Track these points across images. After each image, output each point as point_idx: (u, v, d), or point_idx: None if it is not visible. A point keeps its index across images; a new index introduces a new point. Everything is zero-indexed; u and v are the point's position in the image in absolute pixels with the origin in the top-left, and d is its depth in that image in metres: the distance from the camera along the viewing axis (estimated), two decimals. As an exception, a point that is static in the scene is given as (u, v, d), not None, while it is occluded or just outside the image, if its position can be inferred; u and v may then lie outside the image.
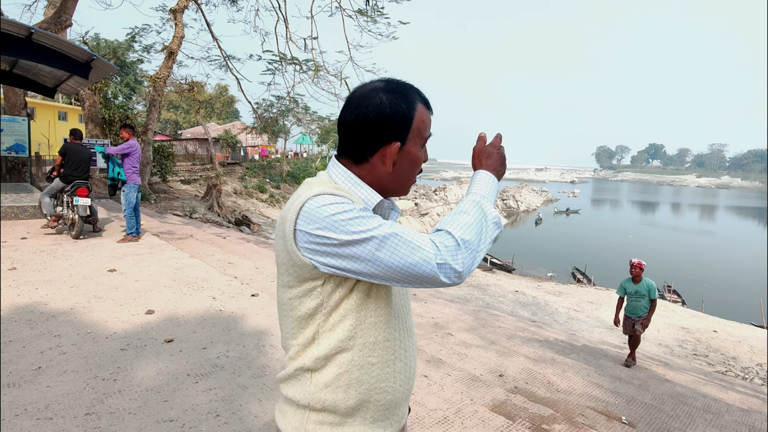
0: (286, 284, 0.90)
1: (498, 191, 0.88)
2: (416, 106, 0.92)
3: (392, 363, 0.91)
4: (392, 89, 0.91)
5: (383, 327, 0.89)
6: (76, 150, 6.51)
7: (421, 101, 0.93)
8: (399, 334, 0.93)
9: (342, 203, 0.82)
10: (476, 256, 0.83)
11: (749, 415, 3.69)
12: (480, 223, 0.86)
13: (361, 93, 0.91)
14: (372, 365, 0.89)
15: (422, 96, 0.94)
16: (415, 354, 0.98)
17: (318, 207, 0.81)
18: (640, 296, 5.17)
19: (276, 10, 11.56)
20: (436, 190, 43.22)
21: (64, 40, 6.35)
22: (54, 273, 4.71)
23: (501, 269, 20.67)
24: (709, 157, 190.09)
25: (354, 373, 0.88)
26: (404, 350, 0.94)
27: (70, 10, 9.83)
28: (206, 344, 3.25)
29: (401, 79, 0.95)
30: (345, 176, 0.92)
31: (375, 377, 0.89)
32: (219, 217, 13.79)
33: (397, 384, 0.92)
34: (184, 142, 29.53)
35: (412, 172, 0.95)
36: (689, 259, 29.98)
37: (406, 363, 0.94)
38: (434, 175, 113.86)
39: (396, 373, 0.92)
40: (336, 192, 0.85)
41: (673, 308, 12.65)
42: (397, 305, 0.93)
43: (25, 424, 2.18)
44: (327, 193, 0.84)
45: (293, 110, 20.87)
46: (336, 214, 0.80)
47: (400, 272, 0.80)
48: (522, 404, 3.06)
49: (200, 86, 24.78)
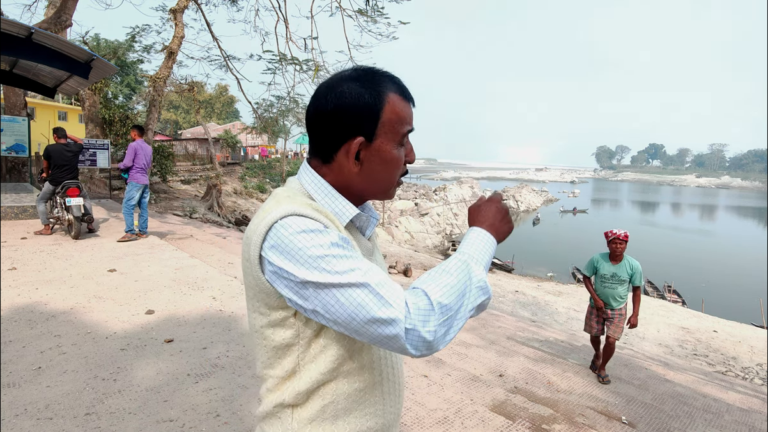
0: (256, 310, 0.79)
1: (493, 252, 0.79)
2: (386, 97, 0.79)
3: (380, 384, 0.83)
4: (358, 77, 0.79)
5: (369, 349, 0.81)
6: (59, 151, 6.48)
7: (396, 91, 0.80)
8: (385, 353, 0.84)
9: (312, 232, 0.70)
10: (453, 324, 0.71)
11: (749, 415, 3.69)
12: (463, 286, 0.73)
13: (327, 83, 0.81)
14: (359, 391, 0.80)
15: (398, 85, 0.81)
16: (402, 368, 0.91)
17: (285, 235, 0.70)
18: (618, 281, 3.94)
19: (276, 10, 11.56)
20: (436, 190, 43.20)
21: (64, 40, 6.35)
22: (54, 273, 4.71)
23: (501, 269, 20.67)
24: (709, 157, 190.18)
25: (341, 403, 0.79)
26: (391, 368, 0.86)
27: (70, 10, 9.83)
28: (206, 344, 3.25)
29: (376, 67, 0.83)
30: (317, 185, 0.82)
31: (364, 402, 0.81)
32: (219, 217, 13.79)
33: (387, 405, 0.85)
34: (184, 142, 29.55)
35: (387, 172, 0.82)
36: (689, 259, 29.98)
37: (394, 381, 0.87)
38: (434, 175, 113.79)
39: (385, 394, 0.85)
40: (306, 213, 0.73)
41: (673, 308, 12.65)
42: None
43: (25, 424, 2.18)
44: (296, 214, 0.72)
45: (293, 110, 20.84)
46: (302, 248, 0.69)
47: (360, 330, 0.68)
48: (522, 404, 3.06)
49: (200, 86, 24.77)
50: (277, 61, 12.31)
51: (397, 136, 0.81)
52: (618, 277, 3.95)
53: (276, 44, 13.67)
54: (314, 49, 11.68)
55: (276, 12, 11.55)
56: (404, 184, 52.43)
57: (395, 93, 0.80)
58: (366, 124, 0.78)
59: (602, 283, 4.02)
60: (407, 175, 0.93)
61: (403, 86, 0.83)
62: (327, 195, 0.81)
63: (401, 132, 0.81)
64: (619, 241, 3.94)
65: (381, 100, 0.79)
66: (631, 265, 3.94)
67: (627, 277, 3.92)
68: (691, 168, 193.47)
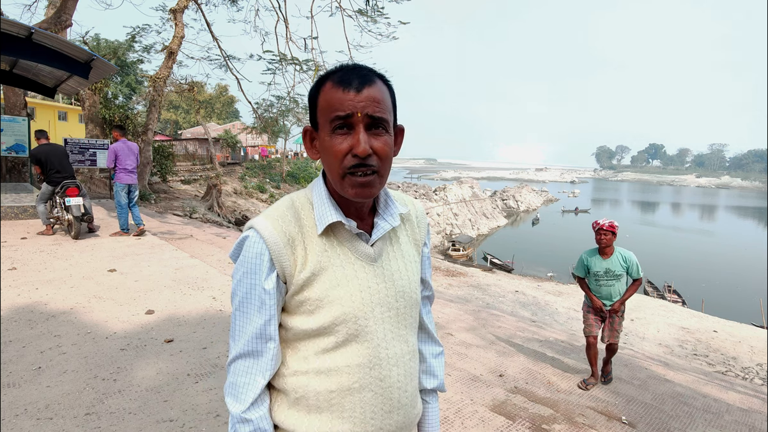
0: None
1: None
2: (323, 85, 0.81)
3: (358, 392, 0.83)
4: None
5: (345, 355, 0.83)
6: (46, 151, 6.45)
7: (333, 78, 0.80)
8: (368, 362, 0.84)
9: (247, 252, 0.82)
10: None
11: (749, 415, 3.69)
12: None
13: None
14: (331, 392, 0.82)
15: (339, 72, 0.80)
16: (401, 386, 0.88)
17: (236, 245, 0.85)
18: (614, 277, 3.58)
19: (276, 10, 11.56)
20: (436, 190, 43.22)
21: (64, 40, 6.35)
22: (54, 273, 4.71)
23: (501, 269, 20.67)
24: (709, 157, 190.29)
25: (311, 399, 0.83)
26: (379, 380, 0.84)
27: (70, 10, 9.84)
28: (206, 344, 3.25)
29: (346, 62, 0.85)
30: (317, 187, 0.87)
31: (337, 405, 0.83)
32: (219, 217, 13.79)
33: (367, 415, 0.84)
34: (184, 142, 29.55)
35: (327, 162, 0.81)
36: (689, 259, 29.98)
37: (381, 395, 0.85)
38: (434, 175, 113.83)
39: (365, 404, 0.83)
40: (262, 227, 0.81)
41: (673, 308, 12.65)
42: (369, 331, 0.84)
43: (25, 424, 2.18)
44: (255, 228, 0.82)
45: (293, 110, 20.84)
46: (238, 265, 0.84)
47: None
48: (522, 404, 3.06)
49: (200, 86, 24.78)
50: (277, 61, 12.32)
51: (327, 123, 0.80)
52: (612, 272, 3.57)
53: (276, 44, 13.69)
54: (314, 49, 11.70)
55: (276, 12, 11.55)
56: (404, 184, 52.37)
57: (331, 80, 0.80)
58: (310, 113, 0.85)
59: (597, 282, 3.65)
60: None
61: (344, 72, 0.80)
62: (319, 198, 0.85)
63: (329, 118, 0.79)
64: (603, 232, 3.55)
65: (318, 89, 0.82)
66: (624, 257, 3.58)
67: (622, 271, 3.57)
68: (691, 168, 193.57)
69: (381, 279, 0.86)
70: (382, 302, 0.86)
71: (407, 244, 0.94)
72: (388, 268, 0.88)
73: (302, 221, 0.84)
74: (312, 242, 0.83)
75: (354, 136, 0.78)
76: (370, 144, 0.78)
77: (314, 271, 0.82)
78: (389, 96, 0.83)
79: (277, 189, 25.49)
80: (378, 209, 0.89)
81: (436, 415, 1.05)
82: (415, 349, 0.94)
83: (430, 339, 1.05)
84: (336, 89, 0.78)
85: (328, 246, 0.84)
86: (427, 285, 1.03)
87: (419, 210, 1.00)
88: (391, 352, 0.87)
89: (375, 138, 0.79)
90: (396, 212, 0.89)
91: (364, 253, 0.86)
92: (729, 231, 47.35)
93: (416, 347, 0.95)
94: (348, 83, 0.78)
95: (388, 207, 0.90)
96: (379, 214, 0.89)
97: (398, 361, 0.88)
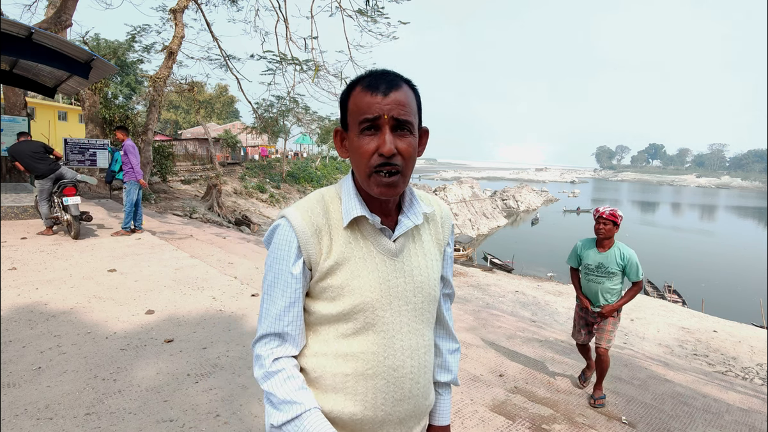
0: None
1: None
2: (353, 90, 0.87)
3: (371, 378, 0.88)
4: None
5: (362, 341, 0.88)
6: (20, 150, 6.35)
7: (362, 83, 0.86)
8: (383, 351, 0.89)
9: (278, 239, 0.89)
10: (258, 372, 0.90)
11: (749, 415, 3.69)
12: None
13: None
14: (346, 375, 0.88)
15: (368, 77, 0.87)
16: (413, 377, 0.92)
17: (269, 232, 0.92)
18: (605, 274, 3.20)
19: (276, 10, 11.56)
20: (436, 190, 43.23)
21: (64, 40, 6.35)
22: (54, 273, 4.71)
23: (501, 269, 20.67)
24: (709, 157, 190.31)
25: (327, 380, 0.89)
26: (392, 369, 0.89)
27: (70, 10, 9.84)
28: (206, 344, 3.25)
29: (377, 68, 0.91)
30: (346, 183, 0.93)
31: (350, 388, 0.88)
32: (219, 217, 13.79)
33: (378, 401, 0.89)
34: (184, 142, 29.54)
35: (355, 162, 0.88)
36: (689, 259, 29.99)
37: (393, 384, 0.90)
38: (434, 175, 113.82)
39: (378, 391, 0.89)
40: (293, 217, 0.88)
41: (673, 308, 12.65)
42: (386, 322, 0.89)
43: (25, 424, 2.18)
44: (286, 217, 0.89)
45: (293, 110, 20.89)
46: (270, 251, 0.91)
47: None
48: (522, 404, 3.06)
49: (200, 86, 24.77)
50: (277, 61, 12.32)
51: (356, 125, 0.85)
52: (605, 268, 3.19)
53: (276, 44, 13.70)
54: (314, 49, 11.70)
55: (276, 12, 11.55)
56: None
57: (360, 85, 0.86)
58: (342, 116, 0.91)
59: (586, 276, 3.31)
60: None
61: (373, 77, 0.86)
62: (346, 193, 0.91)
63: (358, 120, 0.85)
64: (603, 221, 3.15)
65: (348, 93, 0.88)
66: (622, 254, 3.15)
67: (617, 269, 3.16)
68: (691, 168, 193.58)
69: (401, 273, 0.91)
70: (400, 296, 0.90)
71: (430, 242, 0.98)
72: (409, 263, 0.93)
73: (330, 214, 0.90)
74: (338, 234, 0.89)
75: (380, 137, 0.84)
76: (395, 144, 0.83)
77: (338, 261, 0.87)
78: (414, 99, 0.88)
79: (277, 189, 25.49)
80: (403, 207, 0.94)
81: (448, 406, 1.10)
82: (430, 344, 0.98)
83: (448, 335, 1.10)
84: (365, 93, 0.84)
85: (352, 238, 0.89)
86: (447, 283, 1.07)
87: (445, 211, 1.04)
88: (405, 344, 0.91)
89: (400, 139, 0.84)
90: (420, 211, 0.94)
91: (385, 248, 0.91)
92: (729, 231, 47.35)
93: (432, 342, 0.99)
94: (376, 87, 0.84)
95: (412, 205, 0.94)
96: (403, 211, 0.94)
97: (412, 354, 0.92)
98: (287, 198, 25.29)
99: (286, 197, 25.19)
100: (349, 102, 0.87)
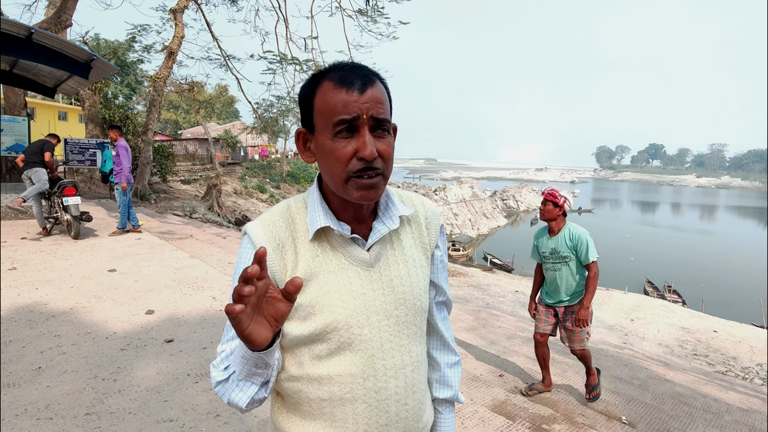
0: None
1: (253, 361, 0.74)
2: (320, 85, 0.77)
3: (350, 403, 0.80)
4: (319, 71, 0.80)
5: (336, 364, 0.80)
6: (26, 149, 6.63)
7: (332, 78, 0.76)
8: (361, 372, 0.81)
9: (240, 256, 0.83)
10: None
11: (749, 415, 3.69)
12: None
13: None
14: (323, 401, 0.81)
15: (339, 70, 0.76)
16: (399, 399, 0.84)
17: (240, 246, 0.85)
18: (560, 259, 3.05)
19: (276, 10, 11.57)
20: (436, 190, 43.25)
21: (64, 40, 6.36)
22: (54, 273, 4.71)
23: (501, 269, 20.67)
24: (709, 157, 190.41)
25: (304, 406, 0.82)
26: (374, 392, 0.81)
27: (70, 10, 9.84)
28: (206, 344, 3.25)
29: (344, 61, 0.81)
30: (312, 191, 0.85)
31: (328, 414, 0.81)
32: (219, 217, 13.79)
33: (359, 428, 0.81)
34: (184, 142, 29.56)
35: (327, 166, 0.77)
36: (689, 259, 29.98)
37: (375, 407, 0.81)
38: (434, 175, 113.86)
39: (358, 416, 0.81)
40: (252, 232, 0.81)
41: (673, 308, 12.65)
42: (364, 340, 0.81)
43: (25, 424, 2.18)
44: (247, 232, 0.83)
45: (293, 110, 20.89)
46: (236, 264, 0.84)
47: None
48: (522, 404, 3.06)
49: (200, 86, 24.78)
50: (277, 61, 12.32)
51: (328, 126, 0.75)
52: (557, 253, 3.02)
53: (276, 44, 13.71)
54: (314, 49, 11.70)
55: (276, 12, 11.56)
56: (405, 184, 52.36)
57: (330, 80, 0.76)
58: (304, 114, 0.80)
59: (545, 265, 3.16)
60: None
61: (344, 72, 0.76)
62: (312, 204, 0.83)
63: (331, 121, 0.75)
64: (543, 203, 3.01)
65: (314, 89, 0.78)
66: (571, 234, 2.98)
67: (569, 253, 2.99)
68: (691, 168, 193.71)
69: (378, 285, 0.83)
70: (379, 310, 0.82)
71: (412, 247, 0.89)
72: (387, 273, 0.84)
73: (296, 226, 0.83)
74: (304, 247, 0.81)
75: (359, 138, 0.75)
76: (375, 146, 0.75)
77: (305, 277, 0.80)
78: (388, 96, 0.80)
79: (277, 189, 25.50)
80: (378, 212, 0.86)
81: (451, 425, 1.00)
82: (419, 360, 0.89)
83: (445, 347, 1.00)
84: (338, 90, 0.74)
85: (320, 251, 0.81)
86: (440, 290, 0.97)
87: (430, 211, 0.93)
88: (388, 363, 0.83)
89: (379, 140, 0.77)
90: (395, 214, 0.85)
91: (359, 258, 0.82)
92: (729, 231, 47.35)
93: (421, 357, 0.90)
94: (350, 84, 0.74)
95: (387, 209, 0.86)
96: (378, 216, 0.85)
97: (397, 373, 0.84)
98: (287, 198, 25.32)
99: (285, 197, 25.13)
100: (316, 99, 0.77)
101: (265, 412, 2.44)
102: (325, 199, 0.84)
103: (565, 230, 3.03)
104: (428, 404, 0.95)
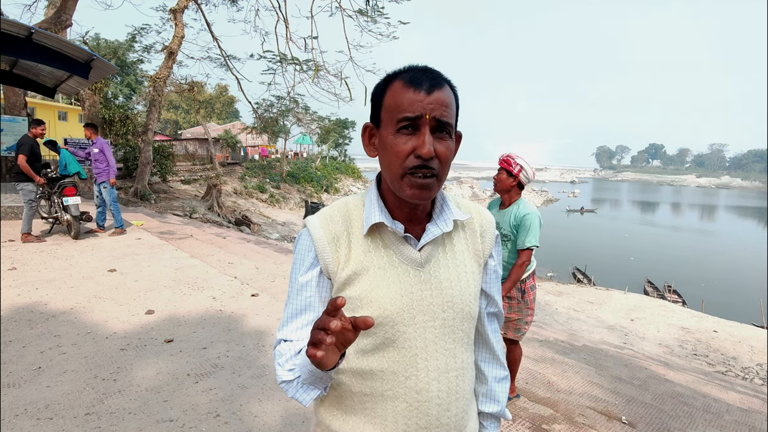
0: None
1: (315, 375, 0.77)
2: (391, 83, 0.80)
3: (391, 400, 0.82)
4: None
5: (379, 359, 0.82)
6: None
7: (402, 77, 0.79)
8: (404, 370, 0.82)
9: (298, 247, 0.88)
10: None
11: (749, 415, 3.69)
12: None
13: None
14: (365, 396, 0.83)
15: (409, 71, 0.80)
16: (441, 403, 0.84)
17: (297, 237, 0.90)
18: (503, 237, 2.62)
19: (276, 10, 11.57)
20: (436, 190, 43.21)
21: (64, 40, 6.35)
22: (54, 273, 4.71)
23: (501, 269, 20.61)
24: (709, 157, 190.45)
25: (347, 400, 0.85)
26: (414, 391, 0.82)
27: (70, 10, 9.84)
28: (206, 344, 3.25)
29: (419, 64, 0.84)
30: (371, 188, 0.88)
31: (369, 410, 0.83)
32: (219, 217, 13.79)
33: (399, 427, 0.82)
34: (184, 142, 29.52)
35: (387, 161, 0.80)
36: (689, 259, 29.97)
37: (415, 408, 0.82)
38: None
39: (398, 414, 0.82)
40: (311, 225, 0.86)
41: (673, 308, 12.65)
42: (408, 339, 0.82)
43: (25, 424, 2.18)
44: (306, 225, 0.87)
45: (293, 110, 20.92)
46: (295, 254, 0.89)
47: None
48: (522, 404, 3.06)
49: (200, 86, 24.79)
50: (277, 61, 12.33)
51: (392, 122, 0.79)
52: (500, 229, 2.60)
53: (276, 44, 13.71)
54: (314, 49, 11.73)
55: (276, 12, 11.55)
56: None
57: (400, 79, 0.79)
58: (373, 110, 0.84)
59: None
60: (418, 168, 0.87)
61: (415, 72, 0.79)
62: (369, 200, 0.86)
63: (395, 118, 0.78)
64: (499, 170, 2.63)
65: (385, 87, 0.81)
66: (519, 212, 2.57)
67: (508, 232, 2.60)
68: (691, 168, 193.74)
69: (427, 285, 0.83)
70: (425, 310, 0.83)
71: (464, 252, 0.89)
72: (437, 275, 0.85)
73: (352, 221, 0.86)
74: (357, 242, 0.84)
75: (419, 137, 0.77)
76: (434, 147, 0.77)
77: (356, 270, 0.83)
78: (455, 102, 0.82)
79: (277, 189, 25.48)
80: (433, 214, 0.87)
81: None
82: (465, 367, 0.88)
83: (495, 360, 0.99)
84: (406, 89, 0.77)
85: (372, 247, 0.84)
86: (492, 301, 0.96)
87: (486, 219, 0.93)
88: (431, 365, 0.83)
89: (439, 141, 0.78)
90: (450, 218, 0.86)
91: (409, 257, 0.84)
92: (729, 231, 47.34)
93: (467, 365, 0.89)
94: (419, 84, 0.77)
95: (442, 212, 0.87)
96: (433, 219, 0.87)
97: (440, 376, 0.83)
98: (287, 198, 25.28)
99: (285, 197, 25.18)
100: (386, 97, 0.80)
101: (266, 413, 2.44)
102: (382, 198, 0.87)
103: (514, 206, 2.62)
104: (473, 416, 0.94)
